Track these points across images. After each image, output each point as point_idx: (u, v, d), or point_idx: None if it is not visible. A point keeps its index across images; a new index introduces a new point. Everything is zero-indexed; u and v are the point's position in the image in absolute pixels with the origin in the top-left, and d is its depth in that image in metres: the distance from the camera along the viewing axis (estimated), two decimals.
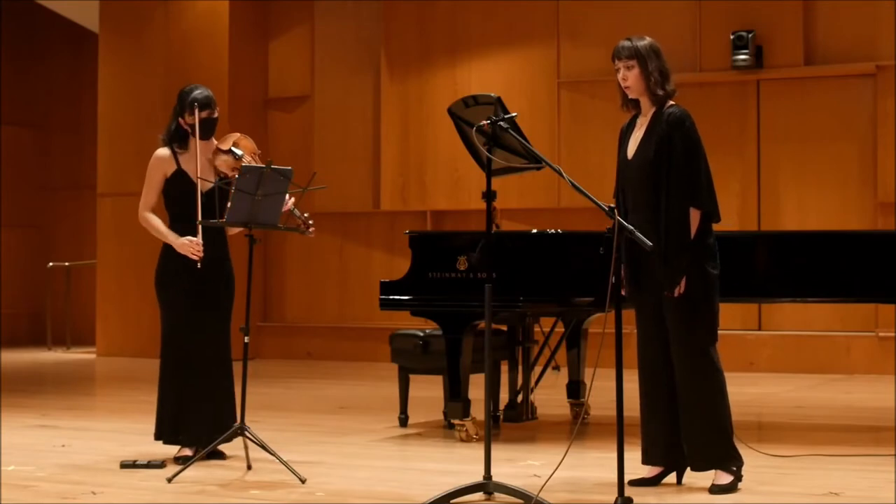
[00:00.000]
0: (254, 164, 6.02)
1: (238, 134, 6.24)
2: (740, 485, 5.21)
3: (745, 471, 5.25)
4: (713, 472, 5.23)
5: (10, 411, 8.17)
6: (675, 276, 5.11)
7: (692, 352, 5.18)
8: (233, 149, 6.12)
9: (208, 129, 6.13)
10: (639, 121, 5.37)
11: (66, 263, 14.42)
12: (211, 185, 6.07)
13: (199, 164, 6.04)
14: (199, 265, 5.97)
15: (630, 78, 5.27)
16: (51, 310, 14.54)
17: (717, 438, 5.20)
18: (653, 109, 5.30)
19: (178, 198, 6.13)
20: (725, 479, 5.19)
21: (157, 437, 6.16)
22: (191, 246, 5.98)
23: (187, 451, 6.02)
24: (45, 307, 14.71)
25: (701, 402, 5.19)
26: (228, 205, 5.72)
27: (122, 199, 12.47)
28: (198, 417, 6.04)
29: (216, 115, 6.15)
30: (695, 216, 5.16)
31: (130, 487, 5.48)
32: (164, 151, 6.16)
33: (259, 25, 12.95)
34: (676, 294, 5.12)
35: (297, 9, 12.88)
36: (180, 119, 6.13)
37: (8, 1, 14.69)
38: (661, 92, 5.26)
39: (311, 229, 6.04)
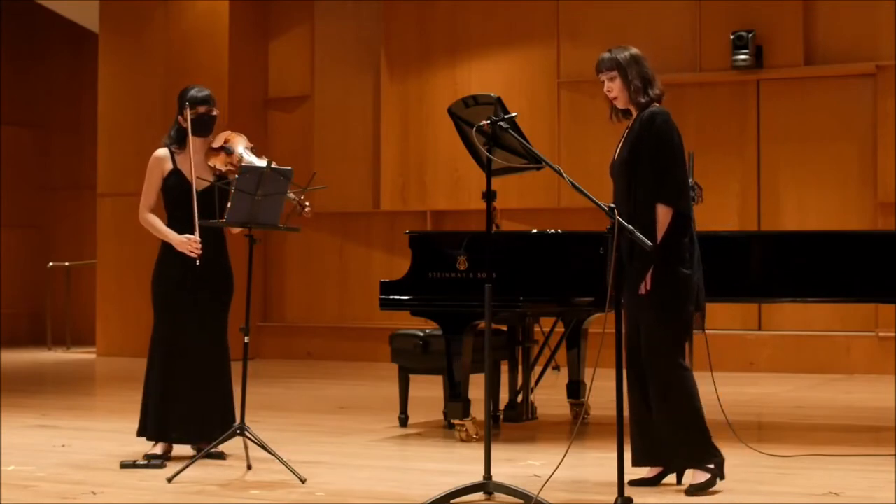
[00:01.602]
0: (253, 156, 6.05)
1: (229, 131, 6.24)
2: (721, 482, 5.15)
3: (727, 468, 5.18)
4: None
5: (10, 411, 8.17)
6: (638, 272, 5.09)
7: (659, 352, 5.14)
8: (224, 145, 6.12)
9: (206, 126, 6.15)
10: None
11: (66, 263, 14.42)
12: (207, 183, 6.08)
13: (194, 163, 6.05)
14: (197, 262, 5.98)
15: (614, 89, 5.33)
16: (51, 310, 14.54)
17: (688, 436, 5.14)
18: (637, 114, 5.33)
19: (174, 197, 6.14)
20: (701, 477, 5.13)
21: (140, 433, 6.12)
22: (189, 243, 5.99)
23: (157, 450, 6.03)
24: (45, 307, 14.71)
25: (670, 402, 5.14)
26: (228, 205, 5.72)
27: (122, 199, 12.47)
28: (189, 416, 6.01)
29: (215, 112, 6.16)
30: (664, 213, 5.11)
31: (130, 487, 5.48)
32: (161, 151, 6.19)
33: (259, 25, 12.95)
34: (642, 291, 5.09)
35: (297, 9, 12.88)
36: (179, 117, 6.15)
37: (8, 1, 14.70)
38: (643, 99, 5.29)
39: (307, 209, 6.00)
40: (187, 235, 6.01)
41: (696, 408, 5.17)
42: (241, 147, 6.12)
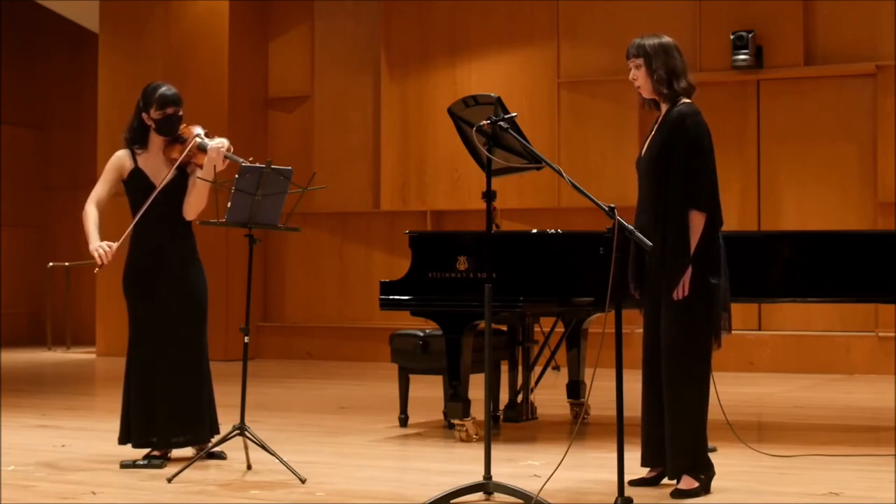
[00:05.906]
0: (206, 139, 6.02)
1: (182, 125, 6.20)
2: (706, 495, 5.08)
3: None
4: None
5: (10, 411, 8.17)
6: (672, 278, 5.04)
7: (681, 359, 5.08)
8: (179, 135, 6.09)
9: (172, 126, 6.07)
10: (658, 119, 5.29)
11: (66, 263, 14.41)
12: (170, 178, 6.04)
13: (155, 162, 6.04)
14: (95, 271, 5.96)
15: (639, 77, 5.20)
16: (51, 310, 14.54)
17: (690, 445, 5.09)
18: (665, 108, 5.21)
19: (137, 197, 6.10)
20: (690, 484, 5.08)
21: (123, 440, 6.06)
22: (98, 249, 5.90)
23: (156, 450, 6.01)
24: (45, 307, 14.71)
25: (682, 407, 5.09)
26: (229, 205, 5.72)
27: (121, 199, 12.39)
28: (165, 419, 5.95)
29: (181, 112, 6.10)
30: (697, 219, 5.04)
31: (130, 487, 5.48)
32: (122, 152, 6.15)
33: (259, 25, 12.95)
34: (676, 298, 5.04)
35: (297, 9, 12.88)
36: (144, 115, 6.08)
37: (8, 1, 14.69)
38: (665, 91, 5.16)
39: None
40: (107, 243, 5.90)
41: (705, 419, 5.14)
42: (194, 131, 6.08)
